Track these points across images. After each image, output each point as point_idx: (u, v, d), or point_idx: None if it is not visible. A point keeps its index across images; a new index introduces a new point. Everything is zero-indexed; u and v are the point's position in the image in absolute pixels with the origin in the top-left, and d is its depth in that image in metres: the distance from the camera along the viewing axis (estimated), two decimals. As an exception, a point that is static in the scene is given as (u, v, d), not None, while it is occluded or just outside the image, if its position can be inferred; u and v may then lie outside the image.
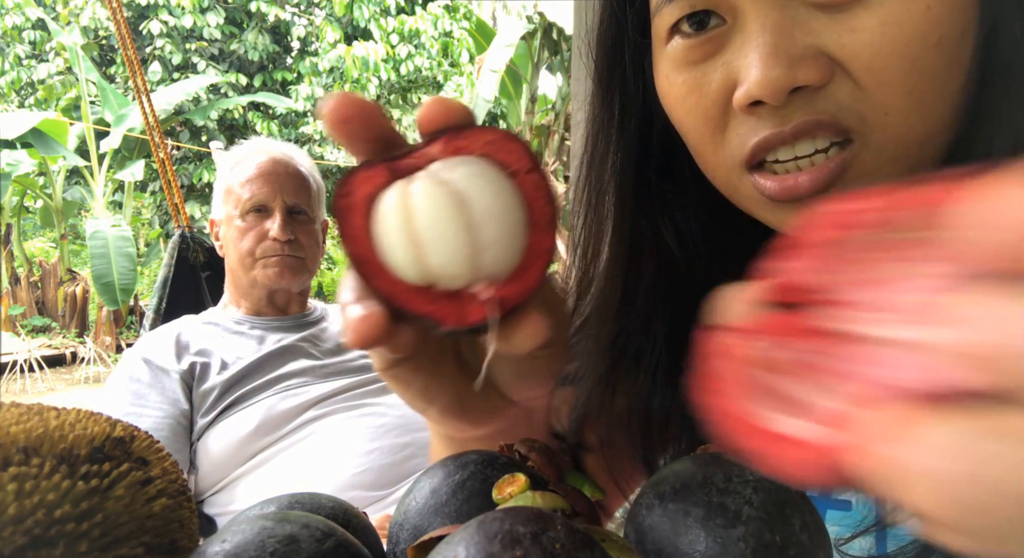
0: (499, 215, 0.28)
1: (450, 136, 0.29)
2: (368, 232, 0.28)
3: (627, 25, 0.53)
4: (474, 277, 0.28)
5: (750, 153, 0.44)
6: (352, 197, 0.29)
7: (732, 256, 0.56)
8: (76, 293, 8.33)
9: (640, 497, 0.30)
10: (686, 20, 0.45)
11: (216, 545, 0.27)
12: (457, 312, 0.28)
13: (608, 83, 0.55)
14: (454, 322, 0.28)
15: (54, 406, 0.32)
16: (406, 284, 0.28)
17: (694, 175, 0.53)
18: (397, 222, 0.28)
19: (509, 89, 10.34)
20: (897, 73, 0.40)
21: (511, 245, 0.28)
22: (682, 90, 0.47)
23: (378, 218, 0.28)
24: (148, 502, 0.29)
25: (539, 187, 0.29)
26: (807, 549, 0.27)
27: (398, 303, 0.28)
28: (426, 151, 0.29)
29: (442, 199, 0.27)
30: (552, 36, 9.27)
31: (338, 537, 0.28)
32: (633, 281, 0.57)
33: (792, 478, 0.20)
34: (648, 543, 0.28)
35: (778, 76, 0.40)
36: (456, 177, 0.28)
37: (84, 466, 0.28)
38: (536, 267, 0.29)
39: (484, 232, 0.27)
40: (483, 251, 0.27)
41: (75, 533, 0.26)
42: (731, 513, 0.27)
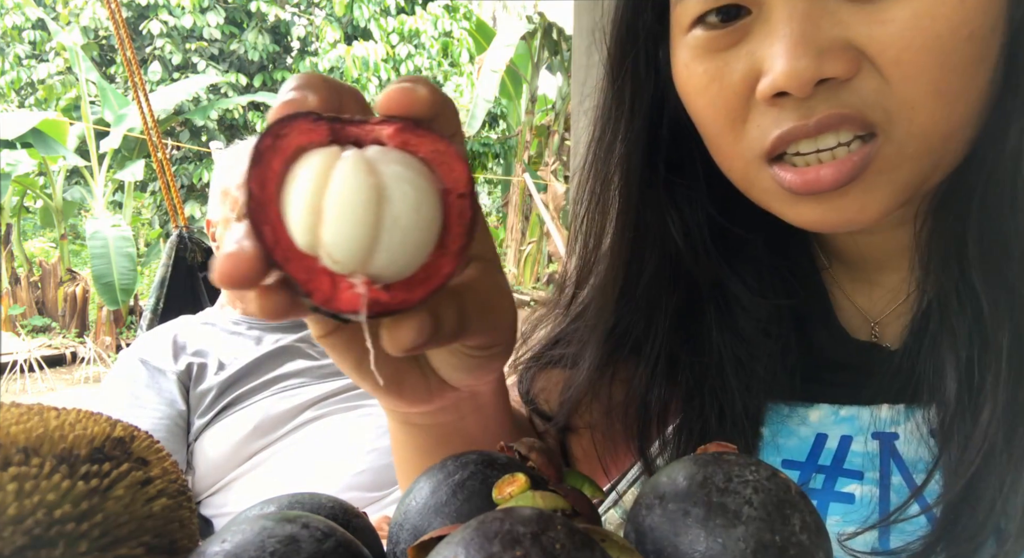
0: (410, 225, 0.27)
1: (405, 127, 0.29)
2: (280, 180, 0.28)
3: (645, 9, 0.52)
4: (356, 270, 0.27)
5: (771, 145, 0.44)
6: (283, 140, 0.28)
7: (738, 252, 0.56)
8: (76, 293, 8.33)
9: (640, 497, 0.30)
10: (714, 13, 0.44)
11: (216, 545, 0.27)
12: (328, 292, 0.27)
13: (619, 69, 0.54)
14: (320, 300, 0.27)
15: (54, 406, 0.32)
16: (292, 243, 0.27)
17: (705, 169, 0.52)
18: (311, 184, 0.27)
19: (509, 89, 10.33)
20: (926, 67, 0.39)
21: (408, 257, 0.27)
22: (702, 80, 0.46)
23: (296, 171, 0.27)
24: (148, 502, 0.29)
25: (463, 213, 0.28)
26: (807, 549, 0.27)
27: (277, 258, 0.27)
28: (375, 129, 0.29)
29: (363, 186, 0.26)
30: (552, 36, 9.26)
31: (338, 537, 0.28)
32: (636, 272, 0.57)
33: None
34: (648, 543, 0.28)
35: (805, 67, 0.39)
36: (388, 171, 0.27)
37: (84, 466, 0.28)
38: (424, 286, 0.28)
39: (387, 234, 0.27)
40: (377, 251, 0.27)
41: (75, 533, 0.26)
42: (731, 513, 0.27)
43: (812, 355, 0.56)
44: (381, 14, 9.91)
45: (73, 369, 7.33)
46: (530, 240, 10.91)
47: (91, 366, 7.19)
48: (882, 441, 0.52)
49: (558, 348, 0.61)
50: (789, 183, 0.44)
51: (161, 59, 9.41)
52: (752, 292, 0.55)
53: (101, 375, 6.88)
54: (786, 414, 0.56)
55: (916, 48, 0.39)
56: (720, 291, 0.56)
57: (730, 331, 0.56)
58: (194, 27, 9.37)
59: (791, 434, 0.55)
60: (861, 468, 0.52)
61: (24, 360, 6.91)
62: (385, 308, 0.27)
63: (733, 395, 0.55)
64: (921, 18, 0.39)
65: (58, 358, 7.41)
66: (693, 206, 0.55)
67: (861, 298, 0.57)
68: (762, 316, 0.55)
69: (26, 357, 6.94)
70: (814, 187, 0.43)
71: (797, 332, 0.56)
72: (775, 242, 0.56)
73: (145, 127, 2.39)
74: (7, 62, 9.22)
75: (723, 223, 0.55)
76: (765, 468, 0.29)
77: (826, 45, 0.40)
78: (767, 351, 0.55)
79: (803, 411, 0.56)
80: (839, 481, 0.53)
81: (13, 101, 9.65)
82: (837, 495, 0.52)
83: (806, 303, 0.57)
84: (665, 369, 0.57)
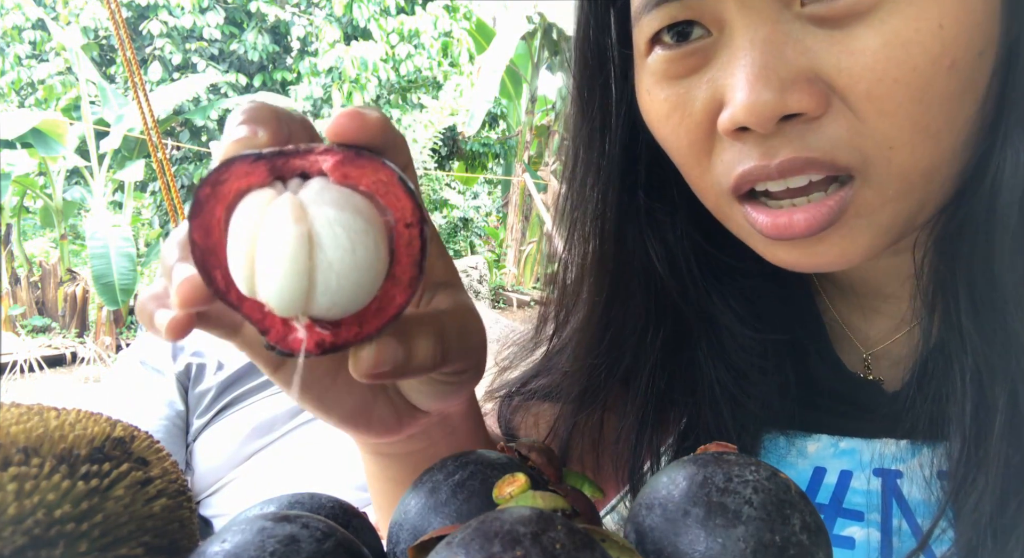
0: (344, 268, 0.26)
1: (346, 157, 0.28)
2: (223, 225, 0.28)
3: (608, 34, 0.49)
4: (297, 314, 0.27)
5: (734, 183, 0.41)
6: (222, 187, 0.27)
7: (727, 281, 0.53)
8: (76, 293, 8.33)
9: (640, 497, 0.30)
10: (666, 31, 0.41)
11: (216, 545, 0.27)
12: (280, 332, 0.28)
13: (588, 96, 0.51)
14: (276, 339, 0.28)
15: (54, 406, 0.32)
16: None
17: (685, 193, 0.48)
18: (246, 234, 0.27)
19: (509, 89, 10.33)
20: (903, 102, 0.35)
21: (351, 295, 0.27)
22: (664, 107, 0.42)
23: (234, 218, 0.27)
24: (148, 502, 0.29)
25: (412, 244, 0.28)
26: (807, 549, 0.27)
27: (231, 301, 0.28)
28: (316, 159, 0.28)
29: (292, 234, 0.26)
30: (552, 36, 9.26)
31: (338, 537, 0.28)
32: (619, 308, 0.53)
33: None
34: (648, 543, 0.28)
35: (766, 101, 0.36)
36: (320, 216, 0.26)
37: (84, 466, 0.28)
38: (378, 317, 0.28)
39: (322, 278, 0.26)
40: (315, 295, 0.26)
41: (75, 533, 0.26)
42: (731, 513, 0.27)
43: (809, 385, 0.53)
44: (381, 14, 9.91)
45: (73, 369, 7.32)
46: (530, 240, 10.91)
47: (91, 366, 7.19)
48: (884, 479, 0.49)
49: (539, 379, 0.58)
50: (761, 226, 0.41)
51: (161, 59, 9.40)
52: (743, 323, 0.52)
53: (101, 375, 6.88)
54: (784, 447, 0.53)
55: (890, 81, 0.35)
56: (710, 323, 0.53)
57: (723, 366, 0.52)
58: (194, 27, 9.36)
59: (788, 468, 0.52)
60: (862, 508, 0.49)
61: (24, 360, 6.91)
62: (336, 344, 0.28)
63: (728, 432, 0.52)
64: (894, 48, 0.35)
65: (58, 358, 7.41)
66: (677, 234, 0.52)
67: (858, 326, 0.53)
68: (755, 348, 0.52)
69: (26, 357, 6.94)
70: (786, 233, 0.39)
71: (792, 363, 0.53)
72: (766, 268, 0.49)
73: (145, 127, 2.40)
74: (7, 62, 9.22)
75: (710, 250, 0.52)
76: (765, 468, 0.29)
77: (791, 76, 0.36)
78: (763, 386, 0.52)
79: (801, 442, 0.52)
80: (838, 523, 0.50)
81: (13, 101, 9.64)
82: (836, 539, 0.49)
83: (800, 333, 0.54)
84: (655, 407, 0.54)
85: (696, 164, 0.43)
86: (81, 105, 8.12)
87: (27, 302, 8.47)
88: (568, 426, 0.56)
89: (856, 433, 0.51)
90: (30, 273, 8.68)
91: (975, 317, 0.41)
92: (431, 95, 10.54)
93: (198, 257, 0.28)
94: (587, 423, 0.56)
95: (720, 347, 0.52)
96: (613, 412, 0.56)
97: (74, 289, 8.36)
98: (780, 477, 0.28)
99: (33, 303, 8.53)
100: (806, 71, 0.36)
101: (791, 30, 0.37)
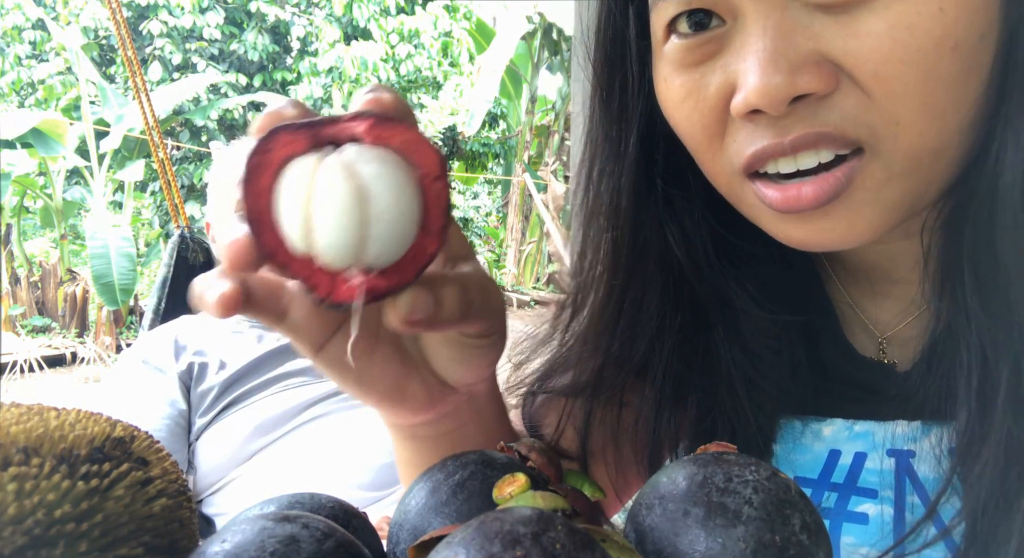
0: (394, 217, 0.29)
1: (376, 122, 0.31)
2: (271, 191, 0.30)
3: (627, 24, 0.50)
4: (352, 264, 0.30)
5: (746, 162, 0.42)
6: (268, 155, 0.30)
7: (742, 265, 0.54)
8: (76, 293, 8.33)
9: (640, 497, 0.30)
10: (684, 19, 0.43)
11: (216, 545, 0.27)
12: (328, 286, 0.30)
13: (608, 85, 0.53)
14: (323, 294, 0.30)
15: (54, 406, 0.32)
16: (289, 247, 0.30)
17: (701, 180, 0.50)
18: (298, 195, 0.29)
19: (509, 89, 10.33)
20: (909, 81, 0.37)
21: (396, 243, 0.30)
22: (679, 93, 0.45)
23: (284, 183, 0.30)
24: (148, 502, 0.29)
25: (440, 195, 0.31)
26: (807, 549, 0.27)
27: (278, 263, 0.30)
28: (349, 126, 0.31)
29: (346, 190, 0.29)
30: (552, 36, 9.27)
31: (338, 537, 0.28)
32: (638, 290, 0.55)
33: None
34: (648, 543, 0.28)
35: (778, 84, 0.38)
36: (366, 171, 0.29)
37: (84, 466, 0.28)
38: (414, 265, 0.31)
39: (374, 228, 0.29)
40: (368, 245, 0.29)
41: (75, 533, 0.26)
42: (731, 513, 0.27)
43: (823, 370, 0.55)
44: (381, 14, 9.91)
45: (73, 369, 7.32)
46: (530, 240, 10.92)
47: (91, 366, 7.19)
48: (898, 459, 0.50)
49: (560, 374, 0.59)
50: (770, 200, 0.42)
51: (161, 59, 9.40)
52: (759, 306, 0.53)
53: (101, 375, 6.88)
54: (799, 430, 0.54)
55: (895, 61, 0.37)
56: (725, 306, 0.54)
57: (738, 348, 0.54)
58: (194, 27, 9.37)
59: (804, 450, 0.54)
60: (876, 486, 0.51)
61: (24, 360, 6.91)
62: (383, 292, 0.30)
63: (745, 414, 0.53)
64: (897, 30, 0.37)
65: (58, 358, 7.41)
66: (694, 219, 0.53)
67: (870, 310, 0.54)
68: (770, 331, 0.53)
69: (26, 357, 6.94)
70: (795, 205, 0.41)
71: (805, 346, 0.54)
72: (779, 252, 0.51)
73: (147, 127, 2.39)
74: (7, 62, 9.22)
75: (725, 235, 0.53)
76: (765, 468, 0.29)
77: (800, 60, 0.38)
78: (777, 367, 0.53)
79: (816, 426, 0.54)
80: (852, 500, 0.51)
81: (13, 101, 9.64)
82: (850, 515, 0.51)
83: (813, 317, 0.55)
84: (673, 391, 0.55)
85: (708, 147, 0.45)
86: (81, 105, 8.12)
87: (27, 302, 8.47)
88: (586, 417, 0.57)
89: (870, 416, 0.52)
90: (30, 273, 8.68)
91: (979, 296, 0.42)
92: (431, 95, 10.54)
93: (250, 221, 0.30)
94: (606, 415, 0.57)
95: (735, 329, 0.54)
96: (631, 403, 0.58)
97: (74, 289, 8.36)
98: (780, 477, 0.29)
99: (33, 303, 8.53)
100: (815, 54, 0.38)
101: (799, 16, 0.38)
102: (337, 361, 0.37)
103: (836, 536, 0.51)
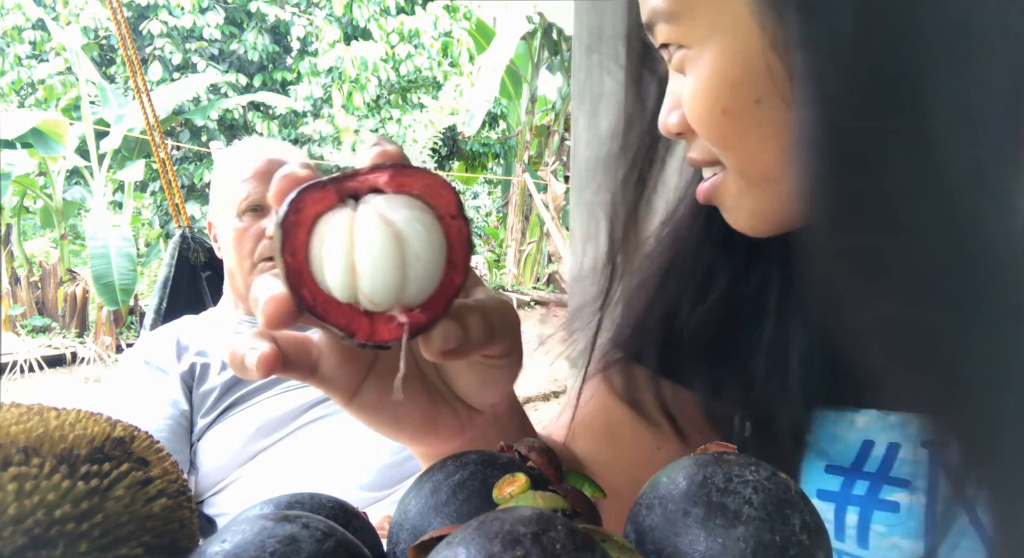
0: (428, 256, 0.32)
1: (396, 171, 0.33)
2: (307, 247, 0.32)
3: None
4: (395, 304, 0.32)
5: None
6: (302, 214, 0.32)
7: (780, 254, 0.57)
8: (76, 293, 8.33)
9: (640, 497, 0.30)
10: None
11: (216, 545, 0.27)
12: (368, 329, 0.32)
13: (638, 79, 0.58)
14: (364, 337, 0.32)
15: (54, 406, 0.32)
16: (328, 297, 0.32)
17: None
18: (340, 246, 0.32)
19: (509, 89, 10.33)
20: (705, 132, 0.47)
21: (430, 280, 0.33)
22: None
23: (321, 236, 0.32)
24: (148, 502, 0.29)
25: (461, 231, 0.34)
26: (807, 549, 0.27)
27: (318, 313, 0.32)
28: (370, 178, 0.33)
29: (385, 235, 0.31)
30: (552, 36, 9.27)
31: (338, 537, 0.28)
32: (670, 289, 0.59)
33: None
34: (648, 543, 0.28)
35: (663, 122, 0.50)
36: (399, 218, 0.32)
37: (84, 466, 0.28)
38: (444, 299, 0.33)
39: (412, 269, 0.32)
40: (408, 285, 0.32)
41: (75, 533, 0.26)
42: (731, 513, 0.27)
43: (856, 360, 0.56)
44: (381, 14, 9.91)
45: (73, 369, 7.32)
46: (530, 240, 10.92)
47: (91, 366, 7.19)
48: (931, 450, 0.50)
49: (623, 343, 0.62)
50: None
51: (161, 59, 9.40)
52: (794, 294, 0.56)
53: (101, 375, 6.88)
54: (832, 419, 0.55)
55: (698, 114, 0.46)
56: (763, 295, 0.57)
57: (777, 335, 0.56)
58: (194, 27, 9.36)
59: (837, 440, 0.55)
60: (909, 476, 0.51)
61: (24, 360, 6.91)
62: (422, 327, 0.33)
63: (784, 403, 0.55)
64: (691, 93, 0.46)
65: (58, 358, 7.41)
66: None
67: None
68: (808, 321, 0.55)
69: (26, 357, 6.94)
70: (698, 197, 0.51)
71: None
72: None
73: (147, 126, 2.39)
74: (7, 62, 9.21)
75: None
76: (765, 468, 0.29)
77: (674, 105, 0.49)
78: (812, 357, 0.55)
79: (851, 416, 0.55)
80: (884, 489, 0.52)
81: (13, 101, 9.64)
82: (881, 503, 0.51)
83: None
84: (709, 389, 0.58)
85: None
86: (81, 105, 8.12)
87: (27, 302, 8.47)
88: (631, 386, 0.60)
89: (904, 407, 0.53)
90: (30, 273, 8.68)
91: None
92: (431, 95, 10.54)
93: (289, 277, 0.32)
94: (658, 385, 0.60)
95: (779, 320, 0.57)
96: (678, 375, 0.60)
97: (74, 289, 8.36)
98: (780, 477, 0.29)
99: (33, 303, 8.53)
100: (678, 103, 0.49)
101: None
102: (370, 405, 0.40)
103: (866, 522, 0.51)
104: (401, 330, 0.32)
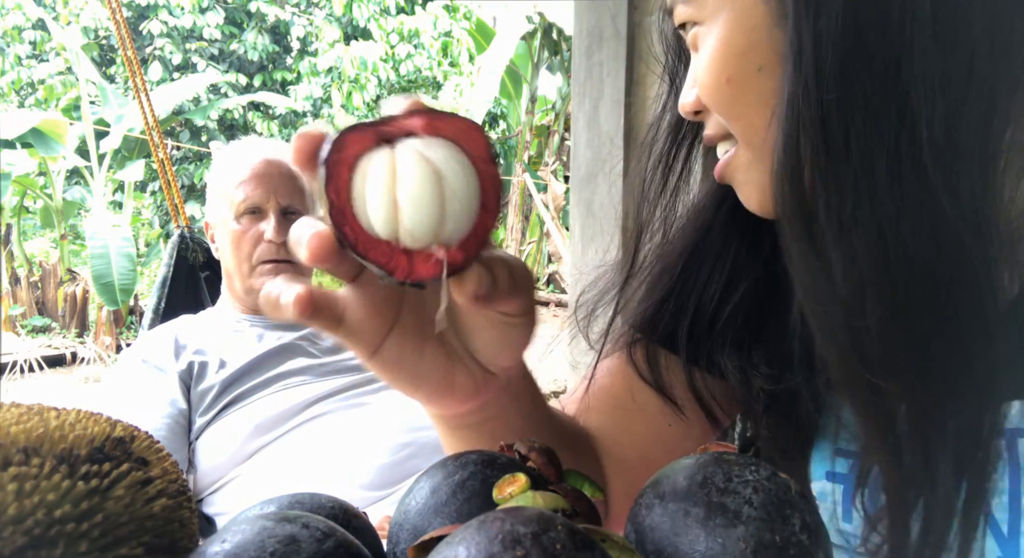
0: (465, 195, 0.33)
1: (430, 116, 0.34)
2: (349, 186, 0.33)
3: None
4: (434, 241, 0.33)
5: None
6: (344, 153, 0.33)
7: None
8: (76, 293, 8.32)
9: (640, 497, 0.30)
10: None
11: (216, 545, 0.27)
12: (407, 267, 0.33)
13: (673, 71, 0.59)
14: (403, 275, 0.33)
15: (54, 406, 0.32)
16: (369, 235, 0.33)
17: None
18: (384, 183, 0.32)
19: (509, 89, 10.32)
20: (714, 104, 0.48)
21: (466, 219, 0.34)
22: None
23: (363, 175, 0.33)
24: (148, 502, 0.29)
25: (493, 175, 0.35)
26: (807, 549, 0.27)
27: (359, 250, 0.33)
28: (407, 122, 0.34)
29: (426, 172, 0.32)
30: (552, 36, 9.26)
31: (338, 537, 0.28)
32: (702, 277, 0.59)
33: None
34: (648, 543, 0.28)
35: (683, 102, 0.51)
36: (437, 156, 0.33)
37: (84, 466, 0.28)
38: (478, 240, 0.35)
39: (450, 206, 0.33)
40: (446, 222, 0.33)
41: (75, 533, 0.26)
42: (731, 513, 0.27)
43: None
44: (381, 14, 9.90)
45: (73, 369, 7.32)
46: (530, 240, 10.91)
47: (91, 366, 7.19)
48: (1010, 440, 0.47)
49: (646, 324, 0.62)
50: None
51: (161, 59, 9.40)
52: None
53: (101, 375, 6.88)
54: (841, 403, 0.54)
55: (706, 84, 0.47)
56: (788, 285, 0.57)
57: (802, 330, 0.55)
58: (194, 27, 9.36)
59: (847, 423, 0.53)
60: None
61: (24, 360, 6.91)
62: (455, 267, 0.34)
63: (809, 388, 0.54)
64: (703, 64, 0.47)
65: (58, 358, 7.40)
66: None
67: None
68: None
69: (26, 357, 6.94)
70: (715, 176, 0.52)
71: None
72: None
73: (147, 127, 2.39)
74: (7, 62, 9.21)
75: None
76: (765, 468, 0.29)
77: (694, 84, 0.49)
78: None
79: None
80: None
81: (13, 101, 9.64)
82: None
83: None
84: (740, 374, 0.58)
85: None
86: (81, 105, 8.11)
87: (27, 302, 8.47)
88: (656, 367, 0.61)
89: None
90: (30, 273, 8.68)
91: None
92: (431, 95, 10.53)
93: (333, 215, 0.33)
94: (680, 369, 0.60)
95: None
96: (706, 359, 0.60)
97: (74, 289, 8.36)
98: (780, 477, 0.29)
99: (33, 303, 8.53)
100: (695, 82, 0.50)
101: None
102: (391, 361, 0.41)
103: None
104: (438, 268, 0.33)
